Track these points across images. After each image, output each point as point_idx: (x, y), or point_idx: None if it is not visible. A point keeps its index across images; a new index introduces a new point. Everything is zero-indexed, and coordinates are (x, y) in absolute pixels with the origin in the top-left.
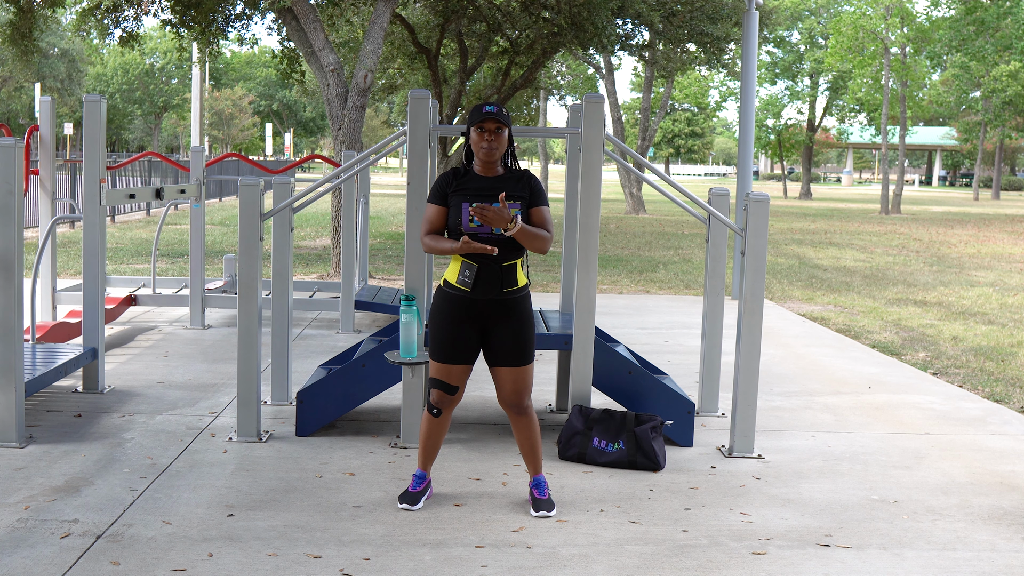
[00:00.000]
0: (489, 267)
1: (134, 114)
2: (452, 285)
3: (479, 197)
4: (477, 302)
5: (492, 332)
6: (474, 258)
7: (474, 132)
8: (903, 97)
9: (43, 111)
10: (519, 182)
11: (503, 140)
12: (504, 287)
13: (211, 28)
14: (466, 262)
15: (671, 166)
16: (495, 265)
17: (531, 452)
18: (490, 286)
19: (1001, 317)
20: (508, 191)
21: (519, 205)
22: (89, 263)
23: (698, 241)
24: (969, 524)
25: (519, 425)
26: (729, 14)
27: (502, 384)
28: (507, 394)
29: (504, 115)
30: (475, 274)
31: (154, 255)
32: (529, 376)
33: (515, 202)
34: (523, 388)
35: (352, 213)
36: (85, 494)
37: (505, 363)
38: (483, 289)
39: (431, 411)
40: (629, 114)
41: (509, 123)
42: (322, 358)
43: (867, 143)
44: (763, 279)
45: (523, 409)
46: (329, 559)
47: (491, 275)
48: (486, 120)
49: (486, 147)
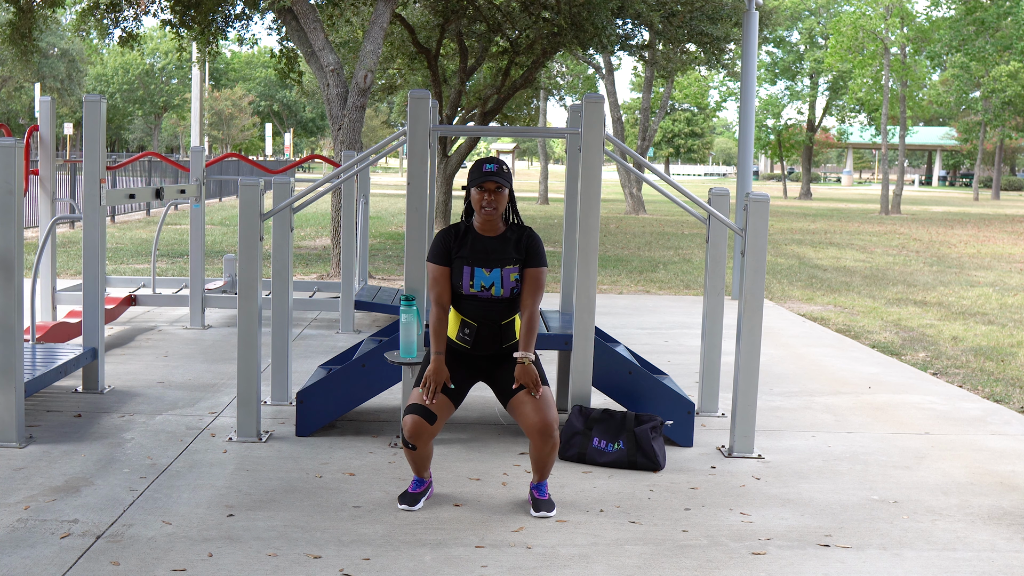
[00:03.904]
0: (488, 326)
1: (134, 114)
2: (453, 341)
3: (481, 261)
4: (477, 357)
5: (497, 376)
6: (473, 318)
7: (475, 192)
8: (903, 97)
9: (43, 111)
10: (518, 244)
11: (503, 199)
12: (503, 343)
13: (211, 28)
14: (465, 320)
15: (671, 166)
16: (495, 325)
17: (543, 466)
18: (490, 343)
19: (1001, 317)
20: (502, 255)
21: (516, 269)
22: (89, 263)
23: (698, 241)
24: (969, 524)
25: (543, 451)
26: (729, 14)
27: (524, 411)
28: (531, 417)
29: (505, 173)
30: (475, 333)
31: (154, 255)
32: (550, 398)
33: (513, 266)
34: (545, 408)
35: (352, 213)
36: (85, 494)
37: (520, 389)
38: (483, 347)
39: (407, 446)
40: (629, 114)
41: (510, 181)
42: (322, 358)
43: (867, 143)
44: (763, 279)
45: (550, 434)
46: (329, 559)
47: (491, 334)
48: (486, 181)
49: (487, 209)
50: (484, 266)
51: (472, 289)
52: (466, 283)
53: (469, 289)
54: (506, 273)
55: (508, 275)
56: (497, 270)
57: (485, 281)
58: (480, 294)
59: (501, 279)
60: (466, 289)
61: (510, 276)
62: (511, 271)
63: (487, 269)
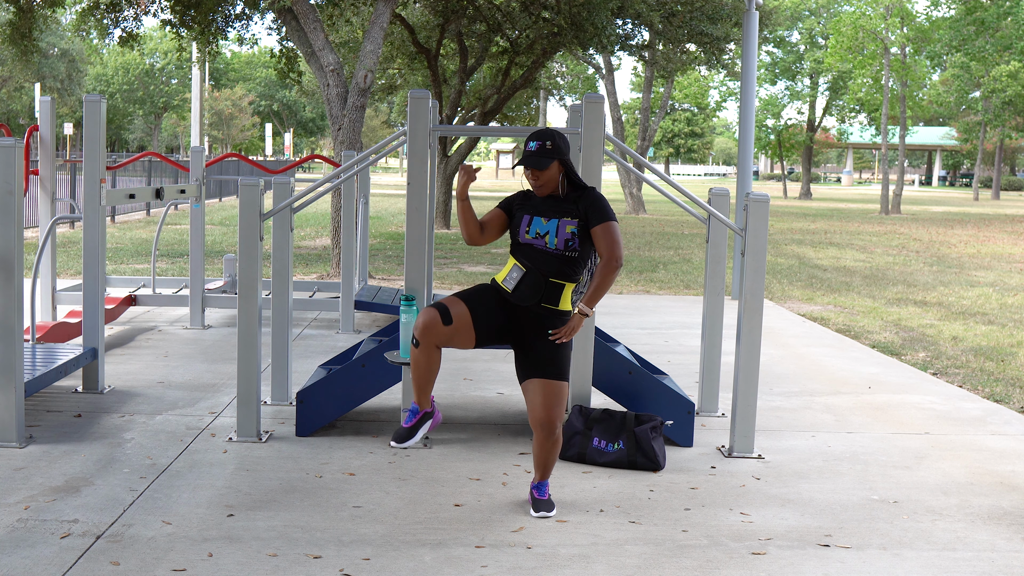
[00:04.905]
0: (536, 275)
1: (134, 114)
2: (498, 284)
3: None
4: (515, 307)
5: (527, 343)
6: (524, 262)
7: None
8: (903, 97)
9: (43, 111)
10: (578, 201)
11: (547, 176)
12: (543, 300)
13: (211, 28)
14: (517, 265)
15: (671, 166)
16: (542, 276)
17: (544, 464)
18: (530, 293)
19: (1001, 317)
20: (562, 209)
21: (574, 223)
22: (89, 263)
23: (698, 241)
24: (969, 524)
25: (544, 446)
26: (729, 14)
27: (532, 399)
28: (537, 409)
29: (546, 151)
30: (521, 277)
31: (154, 255)
32: (562, 394)
33: (571, 219)
34: (553, 404)
35: (352, 213)
36: (85, 494)
37: (536, 374)
38: (522, 294)
39: (412, 342)
40: (629, 114)
41: (553, 156)
42: (322, 358)
43: (867, 143)
44: (763, 279)
45: (552, 431)
46: (329, 559)
47: (535, 283)
48: (523, 164)
49: (535, 186)
50: (543, 215)
51: (528, 236)
52: (523, 230)
53: (525, 236)
54: (562, 224)
55: (564, 227)
56: (555, 220)
57: (541, 229)
58: (535, 242)
59: (557, 229)
60: (522, 236)
61: (566, 228)
62: (568, 223)
63: (545, 218)
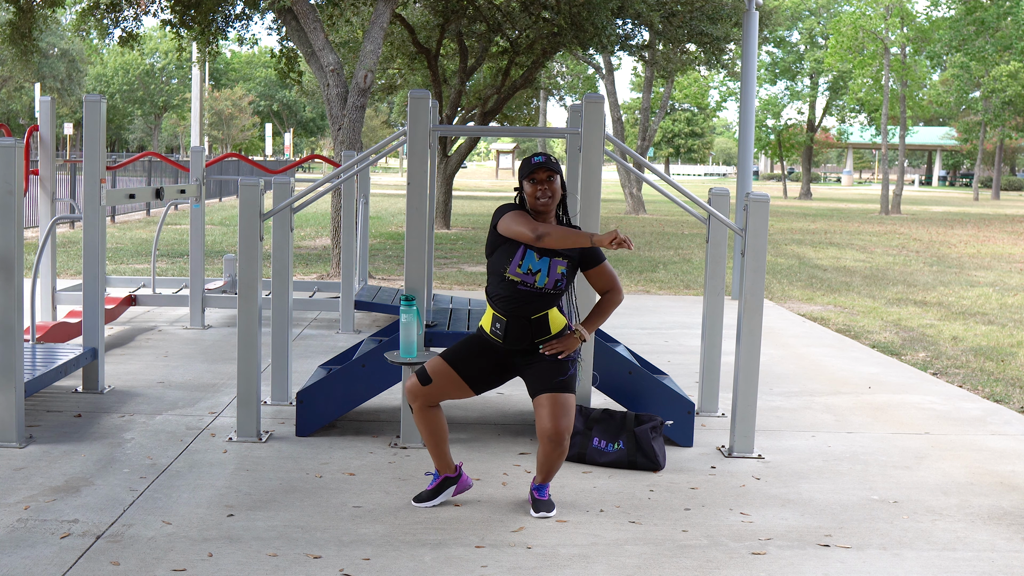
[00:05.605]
0: (518, 320)
1: (134, 114)
2: (487, 333)
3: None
4: (510, 351)
5: (527, 373)
6: (503, 312)
7: (527, 185)
8: (903, 97)
9: (43, 111)
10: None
11: (556, 188)
12: (535, 338)
13: (211, 28)
14: (496, 315)
15: (671, 166)
16: (524, 319)
17: (548, 469)
18: (521, 338)
19: (1001, 317)
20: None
21: (564, 263)
22: (89, 263)
23: (698, 241)
24: (969, 524)
25: (550, 456)
26: (729, 14)
27: (540, 412)
28: (544, 421)
29: (554, 163)
30: (504, 327)
31: (154, 255)
32: (569, 406)
33: (562, 260)
34: (560, 415)
35: (352, 213)
36: (85, 494)
37: (544, 389)
38: (513, 341)
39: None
40: (629, 114)
41: (560, 170)
42: (322, 358)
43: (867, 143)
44: (763, 279)
45: (560, 442)
46: (329, 559)
47: (520, 328)
48: (536, 170)
49: (543, 200)
50: (535, 250)
51: (519, 270)
52: (515, 263)
53: (516, 270)
54: (554, 264)
55: (555, 267)
56: (547, 259)
57: (534, 266)
58: (525, 278)
59: (548, 269)
60: (512, 270)
61: (557, 268)
62: (558, 263)
63: (538, 255)
